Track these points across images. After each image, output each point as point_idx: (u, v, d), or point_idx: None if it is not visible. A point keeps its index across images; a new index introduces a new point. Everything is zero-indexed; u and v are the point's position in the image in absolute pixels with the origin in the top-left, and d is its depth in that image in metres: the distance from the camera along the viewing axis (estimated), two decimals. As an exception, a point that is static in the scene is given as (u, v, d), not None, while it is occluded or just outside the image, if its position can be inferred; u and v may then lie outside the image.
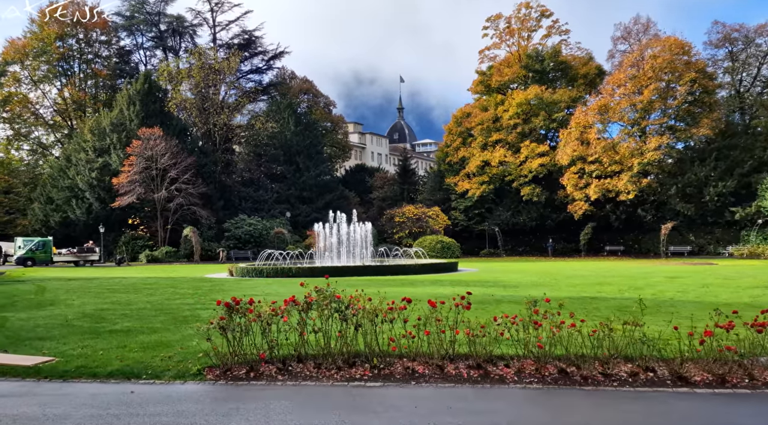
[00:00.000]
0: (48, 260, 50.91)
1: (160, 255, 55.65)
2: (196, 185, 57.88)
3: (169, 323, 14.12)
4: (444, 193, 66.54)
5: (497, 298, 17.93)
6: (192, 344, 11.09)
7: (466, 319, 8.93)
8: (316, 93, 79.65)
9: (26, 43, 70.33)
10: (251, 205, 64.54)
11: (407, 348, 9.04)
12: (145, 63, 78.87)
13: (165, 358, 9.80)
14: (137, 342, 11.37)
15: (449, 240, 54.88)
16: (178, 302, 19.19)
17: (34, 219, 61.95)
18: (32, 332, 13.10)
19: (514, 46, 66.28)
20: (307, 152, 66.90)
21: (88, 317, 15.41)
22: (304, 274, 30.62)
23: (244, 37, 73.37)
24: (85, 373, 9.01)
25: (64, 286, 27.46)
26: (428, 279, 26.89)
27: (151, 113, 60.96)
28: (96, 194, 58.87)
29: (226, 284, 27.09)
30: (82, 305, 18.82)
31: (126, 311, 16.64)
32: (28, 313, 16.73)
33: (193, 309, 16.88)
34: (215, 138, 67.13)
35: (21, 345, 11.41)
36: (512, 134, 61.52)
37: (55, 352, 10.56)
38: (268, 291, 22.29)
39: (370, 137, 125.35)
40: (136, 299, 20.45)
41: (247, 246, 58.81)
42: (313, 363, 9.03)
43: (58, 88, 74.93)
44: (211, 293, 21.95)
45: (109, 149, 60.00)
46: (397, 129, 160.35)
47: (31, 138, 77.19)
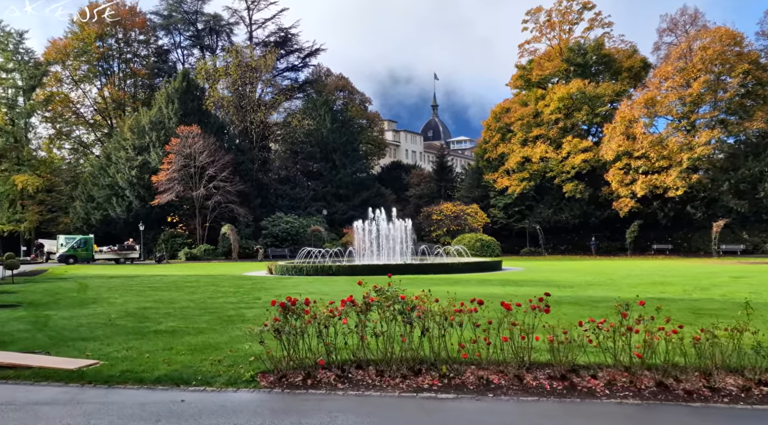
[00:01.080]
0: (89, 258, 51.38)
1: (199, 253, 55.75)
2: (234, 182, 57.83)
3: (215, 323, 13.54)
4: (482, 190, 65.30)
5: (555, 299, 16.83)
6: (241, 346, 10.45)
7: (545, 323, 8.05)
8: (352, 90, 79.12)
9: (67, 43, 71.38)
10: (288, 203, 64.31)
11: (480, 355, 8.18)
12: (182, 62, 79.50)
13: (214, 362, 9.14)
14: (184, 344, 10.77)
15: (489, 238, 53.66)
16: (221, 301, 18.69)
17: (75, 217, 62.72)
18: (75, 332, 12.63)
19: (554, 39, 64.67)
20: (344, 149, 66.38)
21: (132, 317, 14.94)
22: (344, 272, 29.98)
23: (280, 35, 73.26)
24: (131, 378, 8.39)
25: (106, 284, 27.32)
26: (474, 278, 25.96)
27: (190, 111, 61.16)
28: (136, 192, 59.31)
29: (267, 282, 26.60)
30: (125, 303, 18.45)
31: (169, 310, 16.15)
32: (71, 312, 16.37)
33: (238, 309, 16.31)
34: (252, 136, 67.08)
35: (64, 346, 10.91)
36: (553, 129, 59.97)
37: (99, 354, 10.01)
38: (311, 290, 21.66)
39: (405, 135, 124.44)
40: (178, 297, 20.02)
41: (284, 244, 58.56)
42: (374, 370, 8.25)
43: (98, 87, 75.99)
44: (253, 292, 21.44)
45: (149, 147, 60.39)
46: (431, 126, 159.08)
47: (72, 137, 78.41)
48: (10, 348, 10.78)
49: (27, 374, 8.75)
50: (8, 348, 10.87)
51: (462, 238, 53.42)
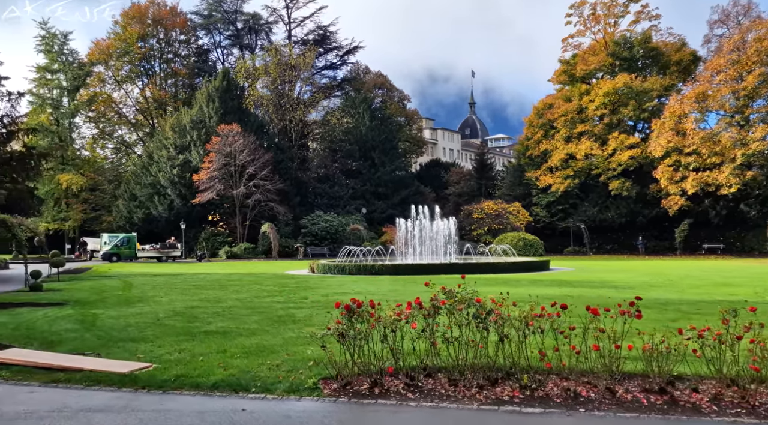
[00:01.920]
0: (132, 256, 51.88)
1: (239, 251, 55.85)
2: (274, 181, 57.78)
3: (266, 323, 13.06)
4: (524, 188, 63.99)
5: (617, 301, 15.98)
6: (297, 349, 9.90)
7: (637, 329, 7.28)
8: (390, 88, 78.50)
9: (110, 43, 72.45)
10: (327, 201, 64.06)
11: (565, 364, 7.44)
12: (222, 61, 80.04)
13: (272, 367, 8.60)
14: (237, 346, 10.27)
15: (532, 237, 52.46)
16: (267, 300, 18.26)
17: (118, 216, 63.55)
18: (124, 332, 12.28)
19: (599, 33, 62.94)
20: (382, 147, 65.82)
21: (180, 316, 14.57)
22: (387, 271, 29.36)
23: (319, 33, 73.10)
24: (186, 383, 7.89)
25: (150, 282, 27.25)
26: (524, 278, 25.06)
27: (230, 109, 61.38)
28: (177, 190, 59.76)
29: (310, 281, 26.16)
30: (171, 302, 18.16)
31: (217, 310, 15.76)
32: (118, 310, 16.12)
33: (286, 308, 15.83)
34: (291, 134, 67.03)
35: (114, 347, 10.53)
36: (599, 126, 58.36)
37: (150, 357, 9.57)
38: (357, 289, 21.12)
39: (442, 133, 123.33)
40: (224, 296, 19.69)
41: (323, 242, 58.31)
42: (447, 379, 7.59)
43: (139, 87, 77.04)
44: (298, 291, 20.98)
45: (190, 146, 60.80)
46: (468, 124, 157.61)
47: (114, 137, 79.66)
48: (59, 349, 10.44)
49: (78, 377, 8.34)
50: (57, 348, 10.54)
51: (504, 237, 52.34)
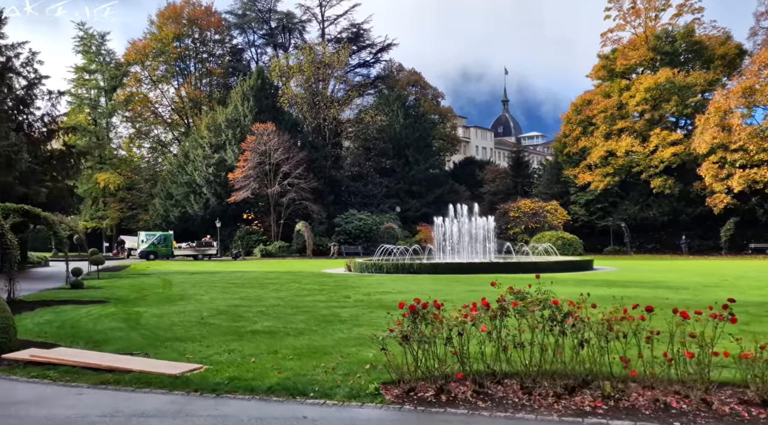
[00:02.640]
0: (169, 254, 52.26)
1: (274, 250, 55.87)
2: (308, 179, 57.64)
3: (312, 323, 12.65)
4: (562, 186, 62.72)
5: (674, 303, 15.18)
6: (350, 351, 9.44)
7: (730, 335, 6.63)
8: (424, 85, 77.77)
9: (146, 44, 73.23)
10: (360, 200, 63.71)
11: (654, 372, 6.82)
12: (256, 60, 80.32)
13: (328, 370, 8.15)
14: (287, 347, 9.85)
15: (571, 236, 51.31)
16: (309, 299, 17.90)
17: (155, 214, 64.16)
18: (169, 331, 11.98)
19: (640, 27, 61.30)
20: (417, 144, 65.20)
21: (224, 315, 14.27)
22: (426, 270, 28.85)
23: (352, 31, 72.77)
24: (240, 387, 7.48)
25: (189, 280, 27.18)
26: (570, 278, 24.25)
27: (264, 108, 61.46)
28: (212, 189, 60.06)
29: (349, 279, 25.76)
30: (213, 300, 17.92)
31: (260, 309, 15.43)
32: (161, 308, 15.90)
33: (330, 308, 15.42)
34: (325, 133, 66.86)
35: (161, 347, 10.21)
36: (639, 122, 56.85)
37: (200, 357, 9.21)
38: (398, 289, 20.64)
39: (475, 131, 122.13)
40: (265, 294, 19.39)
41: (357, 241, 57.98)
42: (519, 386, 7.03)
43: (175, 87, 77.78)
44: (339, 290, 20.58)
45: (225, 144, 61.05)
46: (501, 122, 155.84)
47: (150, 136, 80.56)
48: (105, 348, 10.17)
49: (127, 378, 8.00)
50: (103, 347, 10.27)
51: (542, 236, 51.32)
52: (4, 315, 10.04)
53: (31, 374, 8.47)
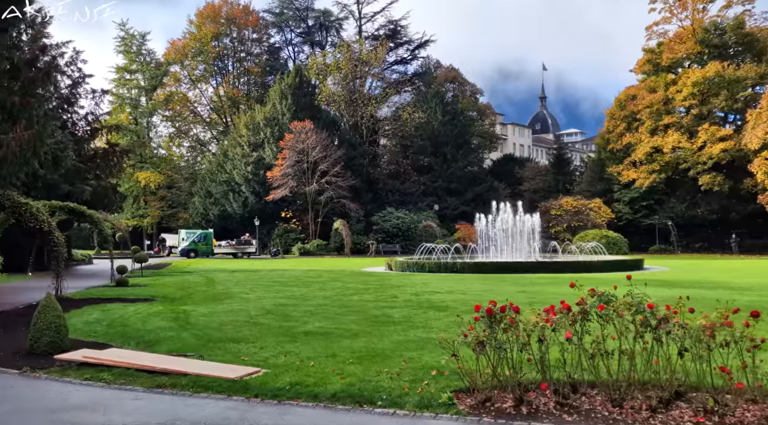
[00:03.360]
0: (209, 252, 52.57)
1: (312, 248, 55.78)
2: (345, 177, 57.38)
3: (365, 324, 12.20)
4: (605, 183, 61.22)
5: (741, 304, 14.30)
6: (411, 355, 8.95)
7: None
8: (462, 82, 76.81)
9: (185, 43, 73.90)
10: (398, 198, 63.21)
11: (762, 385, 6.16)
12: (293, 59, 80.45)
13: (393, 375, 7.67)
14: (345, 350, 9.41)
15: (615, 235, 50.00)
16: (355, 298, 17.49)
17: (194, 212, 64.71)
18: (220, 331, 11.67)
19: (687, 20, 59.36)
20: (455, 142, 64.38)
21: (272, 314, 13.93)
22: (470, 270, 28.21)
23: (390, 28, 72.22)
24: (303, 393, 7.05)
25: (231, 278, 27.07)
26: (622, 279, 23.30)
27: (302, 106, 61.43)
28: (251, 187, 60.28)
29: (392, 279, 25.30)
30: (259, 299, 17.65)
31: (308, 308, 15.06)
32: (208, 307, 15.67)
33: (380, 308, 14.96)
34: (362, 130, 66.57)
35: (214, 348, 9.87)
36: (687, 117, 55.08)
37: (256, 360, 8.83)
38: (446, 288, 20.10)
39: (512, 128, 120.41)
40: (310, 294, 19.05)
41: (395, 240, 57.50)
42: (608, 398, 6.43)
43: (213, 86, 78.34)
44: (384, 289, 20.11)
45: (263, 143, 61.22)
46: (539, 119, 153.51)
47: (190, 135, 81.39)
48: (158, 349, 9.87)
49: (184, 382, 7.65)
50: (155, 348, 9.98)
51: (585, 234, 50.12)
52: (56, 314, 9.84)
53: (84, 376, 8.19)
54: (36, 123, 17.86)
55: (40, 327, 9.65)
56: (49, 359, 9.27)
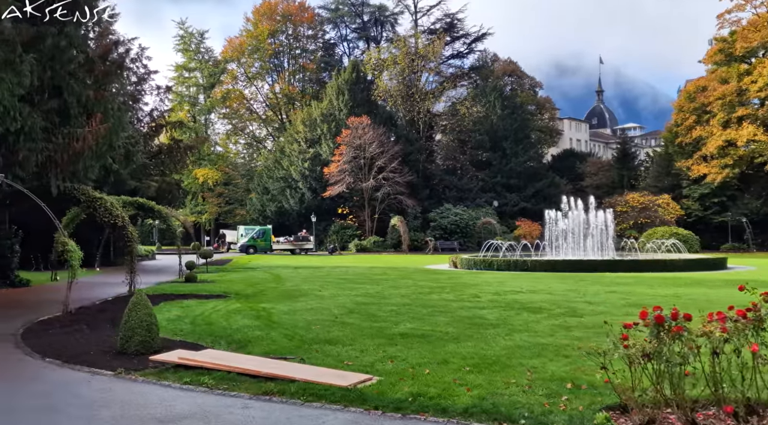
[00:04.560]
0: (267, 248, 52.67)
1: (368, 245, 55.30)
2: (402, 173, 56.64)
3: (460, 326, 11.42)
4: (672, 179, 58.68)
5: None
6: (532, 363, 8.11)
7: None
8: (521, 75, 75.00)
9: (242, 41, 74.43)
10: (455, 194, 62.09)
11: None
12: (348, 55, 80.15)
13: (524, 388, 6.85)
14: (454, 355, 8.64)
15: (686, 232, 47.68)
16: (434, 297, 16.73)
17: (251, 209, 65.10)
18: (309, 331, 11.06)
19: (762, 6, 56.18)
20: (514, 136, 62.85)
21: (357, 314, 13.28)
22: (541, 268, 27.08)
23: (446, 22, 70.85)
24: (428, 406, 6.31)
25: (296, 274, 26.69)
26: (714, 279, 21.90)
27: (359, 102, 61.00)
28: (308, 183, 60.20)
29: (462, 277, 24.45)
30: (334, 297, 17.07)
31: (391, 307, 14.37)
32: (285, 305, 15.16)
33: (466, 308, 14.14)
34: (419, 126, 65.71)
35: (310, 351, 9.25)
36: (763, 109, 52.13)
37: (361, 365, 8.15)
38: (525, 287, 19.13)
39: (569, 123, 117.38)
40: (385, 292, 18.38)
41: (452, 237, 56.48)
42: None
43: (269, 83, 78.75)
44: (460, 288, 19.27)
45: (320, 139, 61.06)
46: (595, 113, 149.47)
47: (246, 132, 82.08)
48: (252, 351, 9.30)
49: (293, 389, 7.00)
50: (249, 349, 9.41)
51: (653, 232, 48.00)
52: (147, 312, 9.39)
53: (184, 380, 7.65)
54: (111, 117, 17.68)
55: (131, 326, 9.21)
56: (142, 359, 8.81)
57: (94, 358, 9.02)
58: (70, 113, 16.87)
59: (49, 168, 16.48)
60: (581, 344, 9.47)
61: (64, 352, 9.46)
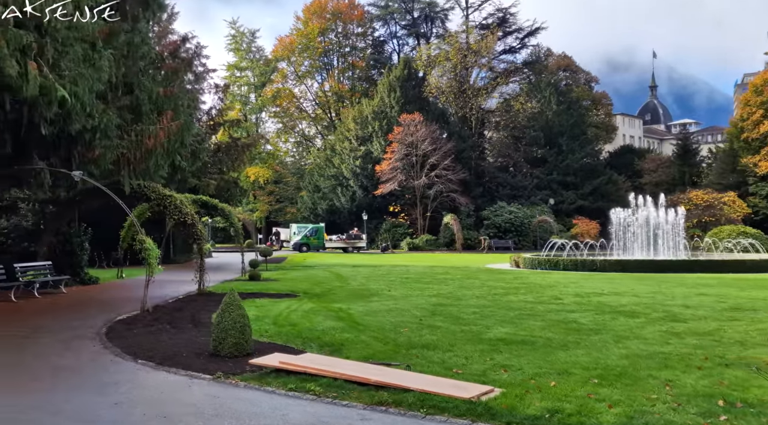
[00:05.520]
0: (320, 246, 52.56)
1: (420, 243, 54.62)
2: (455, 171, 55.72)
3: (557, 330, 10.75)
4: (738, 175, 56.15)
5: None
6: (665, 376, 7.41)
7: None
8: (576, 69, 72.99)
9: (292, 40, 74.58)
10: (508, 191, 60.80)
11: None
12: (398, 52, 79.46)
13: (674, 406, 6.21)
14: (572, 365, 7.98)
15: (754, 231, 45.31)
16: (512, 298, 16.06)
17: (303, 207, 65.14)
18: (398, 333, 10.55)
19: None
20: (571, 132, 61.14)
21: (440, 316, 12.73)
22: (611, 268, 26.03)
23: (498, 16, 69.35)
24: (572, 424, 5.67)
25: (356, 273, 26.28)
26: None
27: (410, 99, 60.34)
28: (359, 181, 59.89)
29: (531, 277, 23.62)
30: (406, 297, 16.55)
31: (472, 309, 13.75)
32: (361, 305, 14.71)
33: (553, 311, 13.40)
34: (471, 122, 64.64)
35: (409, 356, 8.73)
36: (838, 101, 49.51)
37: (471, 373, 7.61)
38: (604, 289, 18.22)
39: (621, 118, 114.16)
40: (457, 292, 17.78)
41: (507, 235, 55.28)
42: None
43: (318, 82, 78.76)
44: (536, 289, 18.49)
45: (371, 136, 60.65)
46: (649, 109, 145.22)
47: (295, 131, 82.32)
48: (349, 355, 8.82)
49: (410, 400, 6.48)
50: (345, 354, 8.93)
51: (719, 230, 45.87)
52: (240, 313, 9.01)
53: (288, 386, 7.22)
54: (181, 114, 17.53)
55: (225, 327, 8.85)
56: (238, 362, 8.45)
57: (188, 360, 8.70)
58: (142, 110, 16.72)
59: (121, 166, 16.37)
60: (705, 353, 8.70)
61: (156, 353, 9.17)
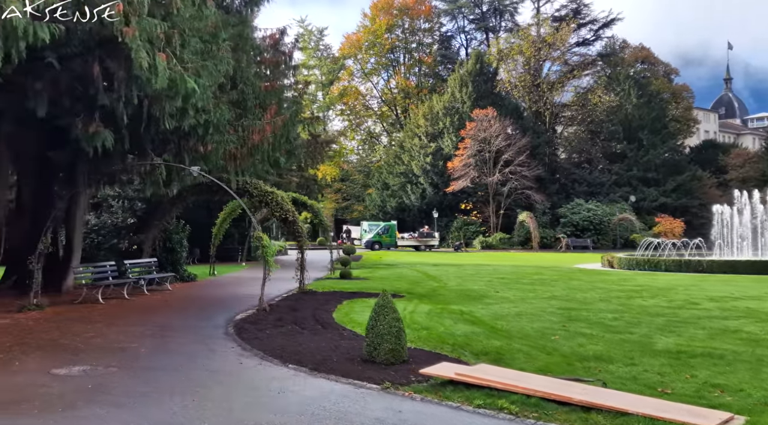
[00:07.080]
0: (392, 244, 51.85)
1: (494, 242, 53.24)
2: (531, 167, 54.06)
3: (734, 342, 9.75)
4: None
5: None
6: None
7: None
8: (654, 61, 69.74)
9: (359, 37, 74.16)
10: (585, 188, 58.62)
11: None
12: (465, 47, 78.10)
13: None
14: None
15: None
16: (641, 302, 14.92)
17: (371, 204, 64.59)
18: (554, 342, 9.64)
19: None
20: (651, 126, 58.43)
21: (581, 323, 11.74)
22: (719, 269, 24.29)
23: (571, 8, 67.05)
24: None
25: (444, 272, 25.42)
26: None
27: (483, 94, 58.99)
28: (429, 179, 58.95)
29: (636, 278, 22.22)
30: (522, 300, 15.55)
31: (612, 315, 12.68)
32: (479, 308, 13.90)
33: (707, 318, 12.25)
34: (545, 117, 62.75)
35: (589, 370, 7.91)
36: None
37: (681, 395, 6.61)
38: (738, 293, 16.74)
39: (695, 112, 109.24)
40: (574, 295, 16.77)
41: (584, 234, 53.23)
42: None
43: (384, 79, 78.14)
44: (654, 292, 17.23)
45: (442, 133, 59.60)
46: (723, 103, 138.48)
47: (362, 128, 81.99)
48: (515, 365, 7.94)
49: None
50: (509, 363, 8.11)
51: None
52: (395, 317, 8.28)
53: (475, 402, 6.43)
54: (285, 109, 17.08)
55: (380, 332, 8.14)
56: (398, 370, 7.76)
57: (342, 366, 8.04)
58: (247, 105, 16.37)
59: (228, 161, 16.03)
60: None
61: (303, 357, 8.58)
